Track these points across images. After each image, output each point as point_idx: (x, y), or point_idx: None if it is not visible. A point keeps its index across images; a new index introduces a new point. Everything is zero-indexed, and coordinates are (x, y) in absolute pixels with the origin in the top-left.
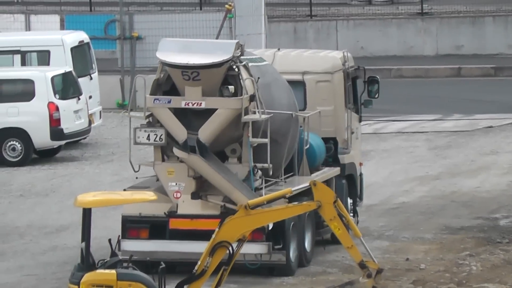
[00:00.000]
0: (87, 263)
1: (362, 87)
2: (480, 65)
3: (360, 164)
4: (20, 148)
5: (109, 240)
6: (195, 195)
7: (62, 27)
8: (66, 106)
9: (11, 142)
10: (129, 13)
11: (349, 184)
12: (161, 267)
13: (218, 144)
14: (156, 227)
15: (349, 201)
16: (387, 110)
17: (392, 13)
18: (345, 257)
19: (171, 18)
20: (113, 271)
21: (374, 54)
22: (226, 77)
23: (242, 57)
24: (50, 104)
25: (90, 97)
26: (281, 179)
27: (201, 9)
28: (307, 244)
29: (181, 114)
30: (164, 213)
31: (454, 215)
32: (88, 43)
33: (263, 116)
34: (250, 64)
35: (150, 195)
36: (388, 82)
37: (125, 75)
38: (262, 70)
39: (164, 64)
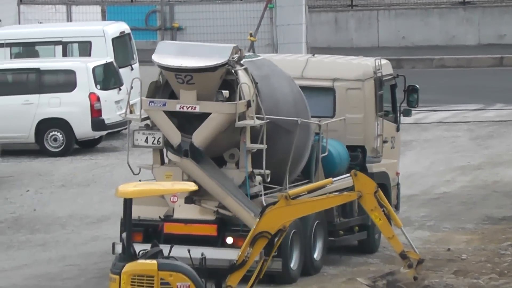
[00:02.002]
0: (128, 253)
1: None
2: None
3: (397, 173)
4: (62, 138)
5: (150, 231)
6: (188, 200)
7: (104, 18)
8: (107, 97)
9: (53, 133)
10: (169, 4)
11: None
12: (202, 256)
13: (216, 148)
14: (152, 231)
15: None
16: (429, 100)
17: (434, 3)
18: (386, 248)
19: (211, 8)
20: (154, 261)
21: (416, 44)
22: (224, 81)
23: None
24: (92, 94)
25: (131, 87)
26: (285, 187)
27: None
28: (317, 253)
29: (184, 118)
30: (159, 217)
31: (496, 205)
32: (129, 33)
33: (258, 122)
34: (243, 60)
35: (191, 185)
36: (430, 72)
37: None
38: (258, 64)
39: (159, 66)
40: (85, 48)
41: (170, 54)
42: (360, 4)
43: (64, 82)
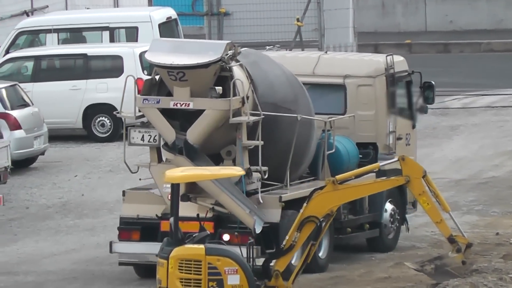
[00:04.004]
0: (176, 238)
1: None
2: None
3: None
4: (109, 124)
5: (197, 215)
6: (184, 197)
7: (150, 3)
8: None
9: (100, 118)
10: None
11: (398, 191)
12: (249, 241)
13: (213, 145)
14: (150, 230)
15: (390, 207)
16: (476, 84)
17: None
18: (434, 232)
19: None
20: (202, 246)
21: (463, 28)
22: (221, 78)
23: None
24: (139, 80)
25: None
26: (285, 184)
27: None
28: (322, 251)
29: (183, 117)
30: (156, 215)
31: None
32: (175, 19)
33: (252, 118)
34: None
35: (238, 170)
36: (477, 56)
37: None
38: (244, 53)
39: (151, 64)
40: (132, 34)
41: (163, 52)
42: None
43: (111, 67)
